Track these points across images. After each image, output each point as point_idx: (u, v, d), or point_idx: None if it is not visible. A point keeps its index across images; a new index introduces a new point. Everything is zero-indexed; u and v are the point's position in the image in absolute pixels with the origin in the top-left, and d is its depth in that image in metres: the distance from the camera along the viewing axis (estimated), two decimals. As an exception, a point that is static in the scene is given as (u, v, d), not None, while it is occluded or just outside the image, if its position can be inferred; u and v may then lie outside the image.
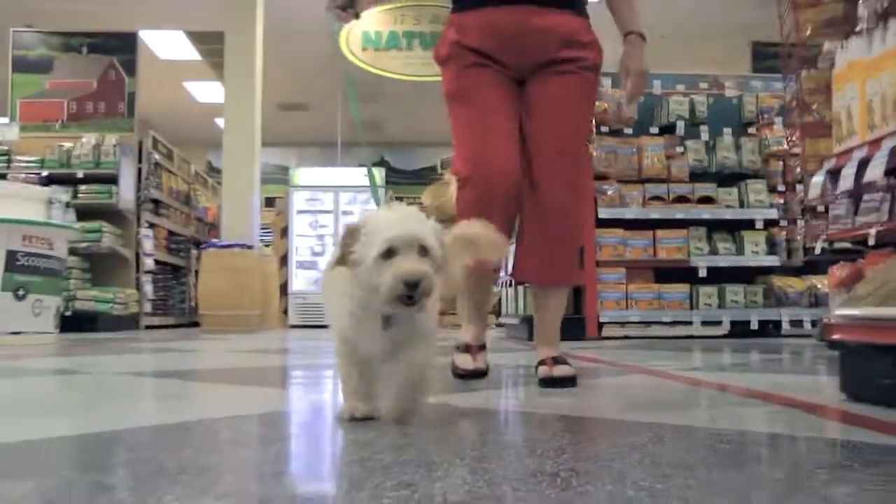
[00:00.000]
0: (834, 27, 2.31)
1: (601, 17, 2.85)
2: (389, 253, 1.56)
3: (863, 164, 2.57)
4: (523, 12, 2.59)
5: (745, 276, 6.55)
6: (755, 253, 6.49)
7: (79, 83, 10.86)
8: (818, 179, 3.08)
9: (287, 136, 16.78)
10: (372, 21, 10.77)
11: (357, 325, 1.68)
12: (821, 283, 6.32)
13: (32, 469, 1.26)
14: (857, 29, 2.31)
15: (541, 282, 2.75)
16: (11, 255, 5.42)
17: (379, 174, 2.07)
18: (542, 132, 2.63)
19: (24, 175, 9.50)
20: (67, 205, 6.17)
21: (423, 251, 1.59)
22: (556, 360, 2.60)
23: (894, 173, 2.55)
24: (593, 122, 6.15)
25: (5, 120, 11.28)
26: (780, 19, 2.58)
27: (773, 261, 6.48)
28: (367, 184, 8.90)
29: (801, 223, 6.36)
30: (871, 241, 2.91)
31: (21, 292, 5.51)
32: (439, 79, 2.77)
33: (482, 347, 2.76)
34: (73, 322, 8.36)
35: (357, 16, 2.55)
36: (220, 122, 16.99)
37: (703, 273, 6.39)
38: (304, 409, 2.23)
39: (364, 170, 11.70)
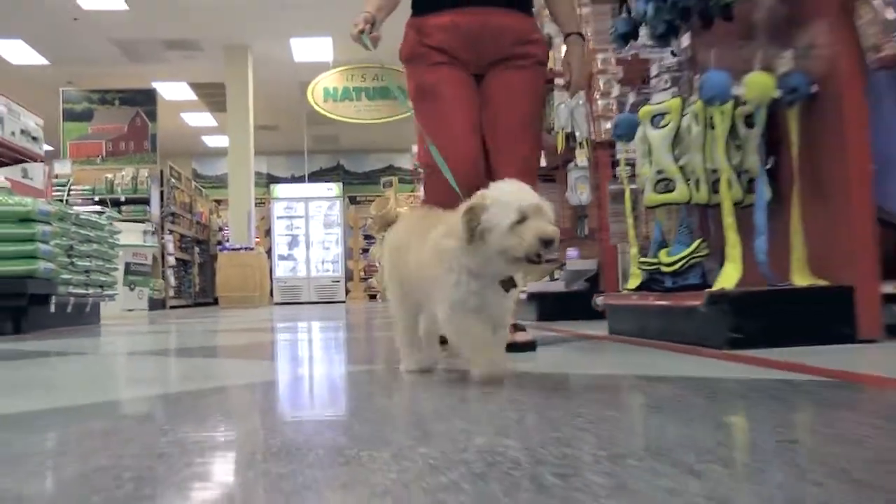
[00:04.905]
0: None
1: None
2: (522, 219, 1.72)
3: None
4: (482, 13, 2.79)
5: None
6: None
7: (113, 127, 14.68)
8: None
9: (262, 149, 20.70)
10: (330, 79, 14.79)
11: (478, 291, 1.83)
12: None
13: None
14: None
15: None
16: (128, 265, 9.43)
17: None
18: (499, 119, 2.82)
19: (80, 200, 13.36)
20: (153, 233, 10.16)
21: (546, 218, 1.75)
22: (517, 327, 2.78)
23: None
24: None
25: (50, 148, 15.06)
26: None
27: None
28: (328, 195, 14.73)
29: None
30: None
31: (132, 286, 9.52)
32: (382, 121, 3.85)
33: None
34: (133, 304, 12.34)
35: (376, 40, 2.76)
36: (206, 139, 20.99)
37: None
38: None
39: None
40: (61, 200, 13.69)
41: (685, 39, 3.22)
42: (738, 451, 1.13)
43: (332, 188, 17.55)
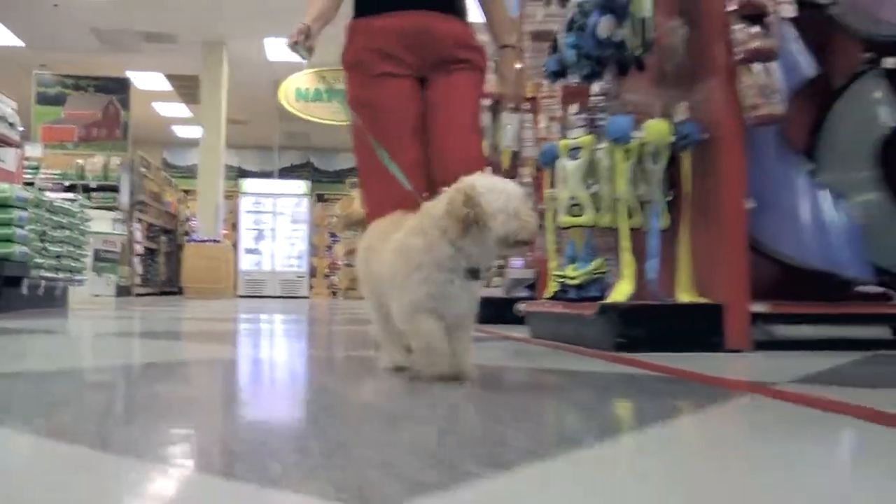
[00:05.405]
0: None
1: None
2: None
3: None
4: (422, 16, 2.84)
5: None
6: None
7: (86, 114, 14.90)
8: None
9: (234, 142, 21.02)
10: (302, 80, 15.19)
11: (443, 287, 1.83)
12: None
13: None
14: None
15: None
16: (97, 252, 9.75)
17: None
18: (447, 121, 2.84)
19: (50, 185, 13.58)
20: (122, 221, 10.49)
21: None
22: None
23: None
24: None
25: (22, 128, 15.27)
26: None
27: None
28: (296, 192, 15.32)
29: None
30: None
31: (101, 272, 9.84)
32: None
33: None
34: (98, 289, 12.61)
35: (311, 49, 2.80)
36: (176, 129, 21.23)
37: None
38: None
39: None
40: (31, 184, 13.94)
41: (605, 83, 3.70)
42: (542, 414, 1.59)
43: (301, 186, 17.98)
